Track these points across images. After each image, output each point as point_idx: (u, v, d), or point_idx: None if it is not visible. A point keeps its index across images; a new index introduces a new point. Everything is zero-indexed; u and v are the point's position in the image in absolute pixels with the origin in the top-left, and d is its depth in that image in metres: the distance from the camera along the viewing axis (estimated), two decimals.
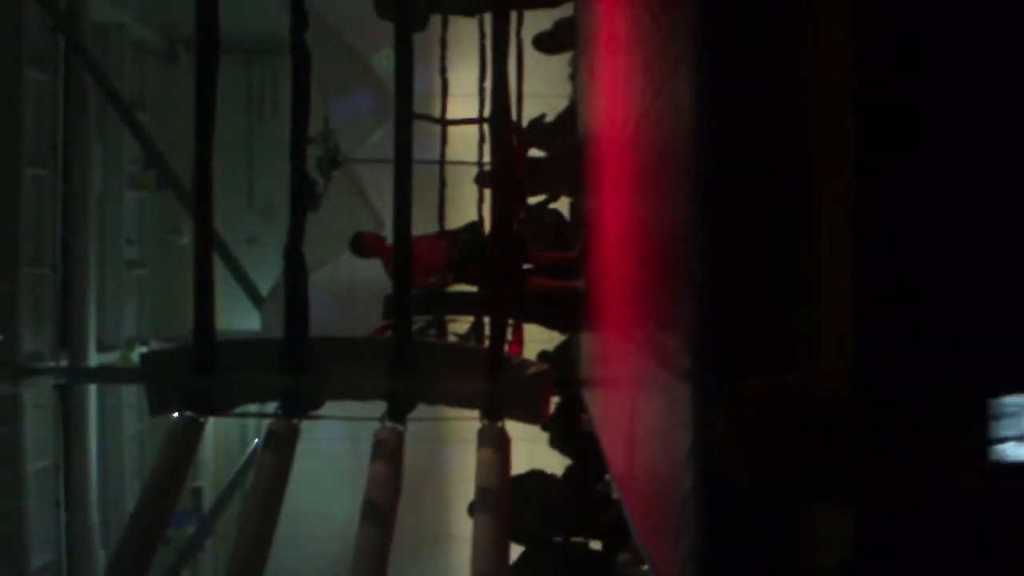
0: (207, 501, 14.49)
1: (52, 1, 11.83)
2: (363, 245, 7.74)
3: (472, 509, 4.82)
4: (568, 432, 8.24)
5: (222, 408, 4.94)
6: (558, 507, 7.68)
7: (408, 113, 4.92)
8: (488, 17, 7.98)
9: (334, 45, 11.18)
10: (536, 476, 8.00)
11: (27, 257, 11.89)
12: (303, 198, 4.86)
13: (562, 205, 9.76)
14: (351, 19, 11.12)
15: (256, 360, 4.89)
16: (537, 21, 9.04)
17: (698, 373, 2.73)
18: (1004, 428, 1.84)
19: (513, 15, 7.03)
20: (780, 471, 1.80)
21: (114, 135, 13.56)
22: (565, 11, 9.17)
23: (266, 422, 4.93)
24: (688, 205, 2.83)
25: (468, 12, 8.86)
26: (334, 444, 11.77)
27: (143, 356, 5.69)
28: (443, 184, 9.72)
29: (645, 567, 4.82)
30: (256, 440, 13.89)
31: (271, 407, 5.04)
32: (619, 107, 4.77)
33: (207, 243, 4.80)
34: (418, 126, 5.48)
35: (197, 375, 4.69)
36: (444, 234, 8.27)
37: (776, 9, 2.57)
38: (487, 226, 8.66)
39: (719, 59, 2.67)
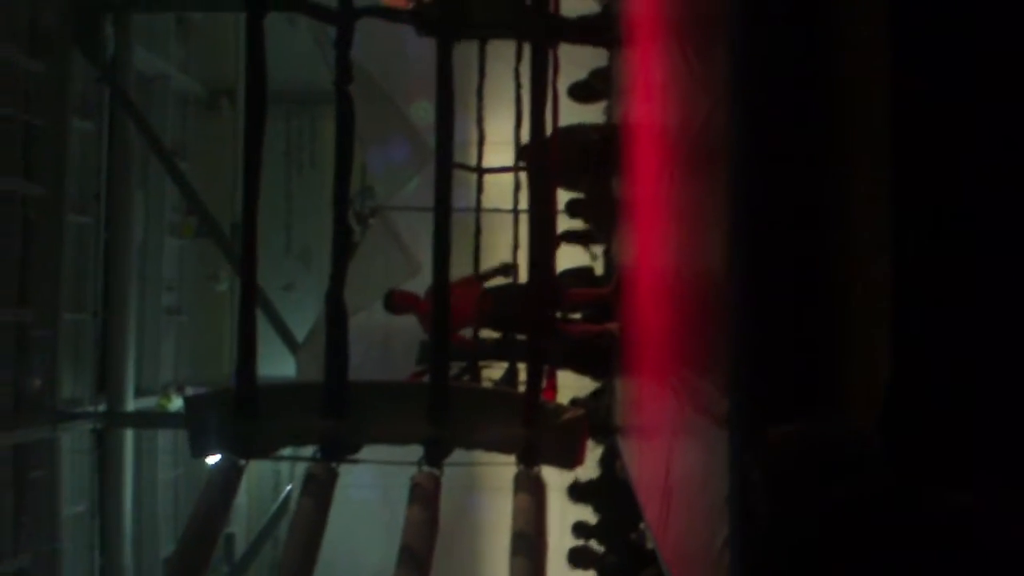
0: (239, 548, 14.50)
1: (98, 52, 12.13)
2: (395, 303, 7.59)
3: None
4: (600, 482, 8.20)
5: (263, 451, 4.98)
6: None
7: (448, 162, 5.00)
8: (523, 68, 8.08)
9: (372, 95, 11.37)
10: None
11: (68, 303, 12.08)
12: (345, 244, 4.92)
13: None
14: (389, 70, 11.32)
15: (296, 404, 4.93)
16: (572, 71, 9.16)
17: (735, 419, 2.73)
18: None
19: (549, 64, 7.09)
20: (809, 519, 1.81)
21: (155, 183, 13.83)
22: (599, 61, 9.29)
23: (299, 470, 4.95)
24: (726, 251, 2.85)
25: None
26: (364, 492, 11.76)
27: (187, 399, 5.76)
28: (479, 232, 9.83)
29: None
30: (289, 487, 13.92)
31: (308, 451, 5.08)
32: (654, 154, 4.83)
33: (251, 288, 4.87)
34: (455, 174, 5.55)
35: (239, 418, 4.74)
36: (474, 279, 8.17)
37: (812, 55, 2.61)
38: (520, 267, 8.68)
39: (755, 104, 2.70)
